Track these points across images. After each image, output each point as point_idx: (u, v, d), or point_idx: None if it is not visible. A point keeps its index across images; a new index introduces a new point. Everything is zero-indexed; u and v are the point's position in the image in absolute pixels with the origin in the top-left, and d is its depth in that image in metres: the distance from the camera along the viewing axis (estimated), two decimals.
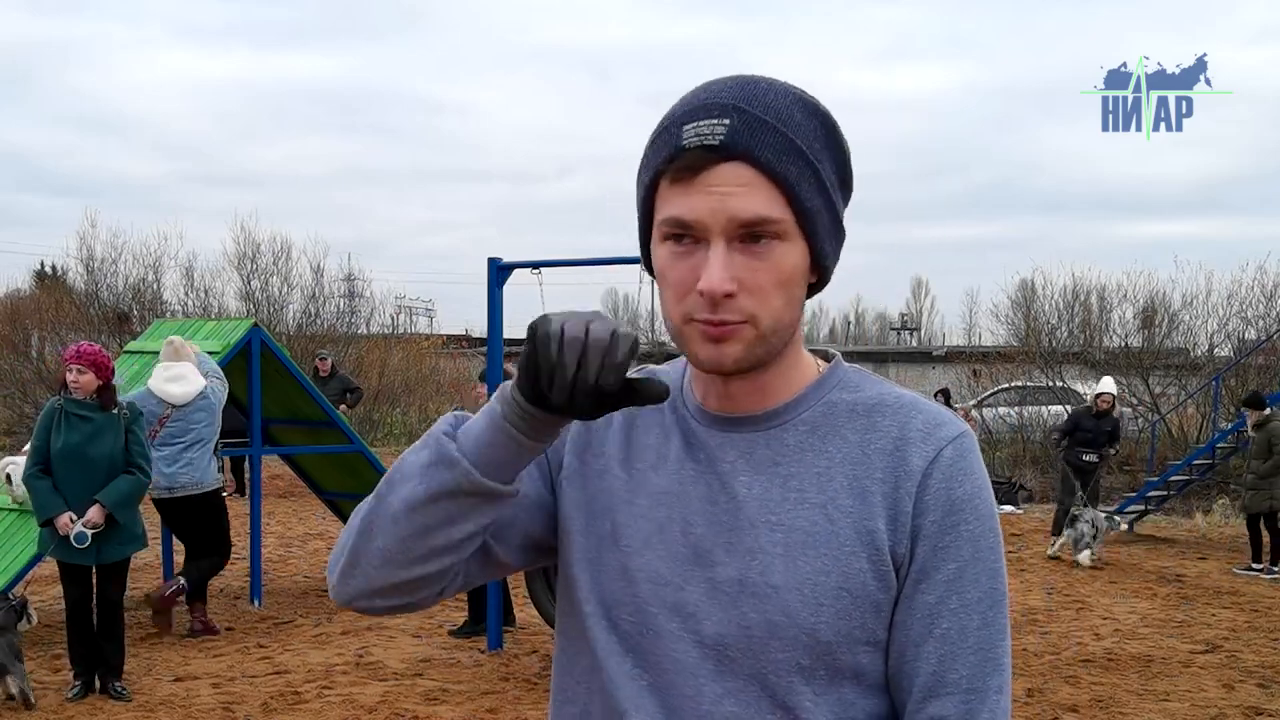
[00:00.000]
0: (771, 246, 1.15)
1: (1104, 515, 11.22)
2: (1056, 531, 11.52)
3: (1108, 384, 12.47)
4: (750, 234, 1.14)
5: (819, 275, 1.23)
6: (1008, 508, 14.47)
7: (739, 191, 1.13)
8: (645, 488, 1.26)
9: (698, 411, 1.28)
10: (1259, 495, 10.78)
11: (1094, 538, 10.95)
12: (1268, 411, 11.24)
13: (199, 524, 7.55)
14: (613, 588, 1.24)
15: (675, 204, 1.16)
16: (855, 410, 1.23)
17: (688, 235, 1.16)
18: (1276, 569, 10.67)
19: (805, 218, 1.16)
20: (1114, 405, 11.95)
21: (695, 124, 1.15)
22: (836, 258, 1.24)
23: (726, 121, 1.14)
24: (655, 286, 1.23)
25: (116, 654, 6.32)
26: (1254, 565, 10.75)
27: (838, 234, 1.22)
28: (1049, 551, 11.33)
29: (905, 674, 1.19)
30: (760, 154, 1.13)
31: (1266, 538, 10.75)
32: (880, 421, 1.22)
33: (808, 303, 1.25)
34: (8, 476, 7.14)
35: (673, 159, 1.16)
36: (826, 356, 1.30)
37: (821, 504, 1.19)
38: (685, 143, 1.15)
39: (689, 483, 1.24)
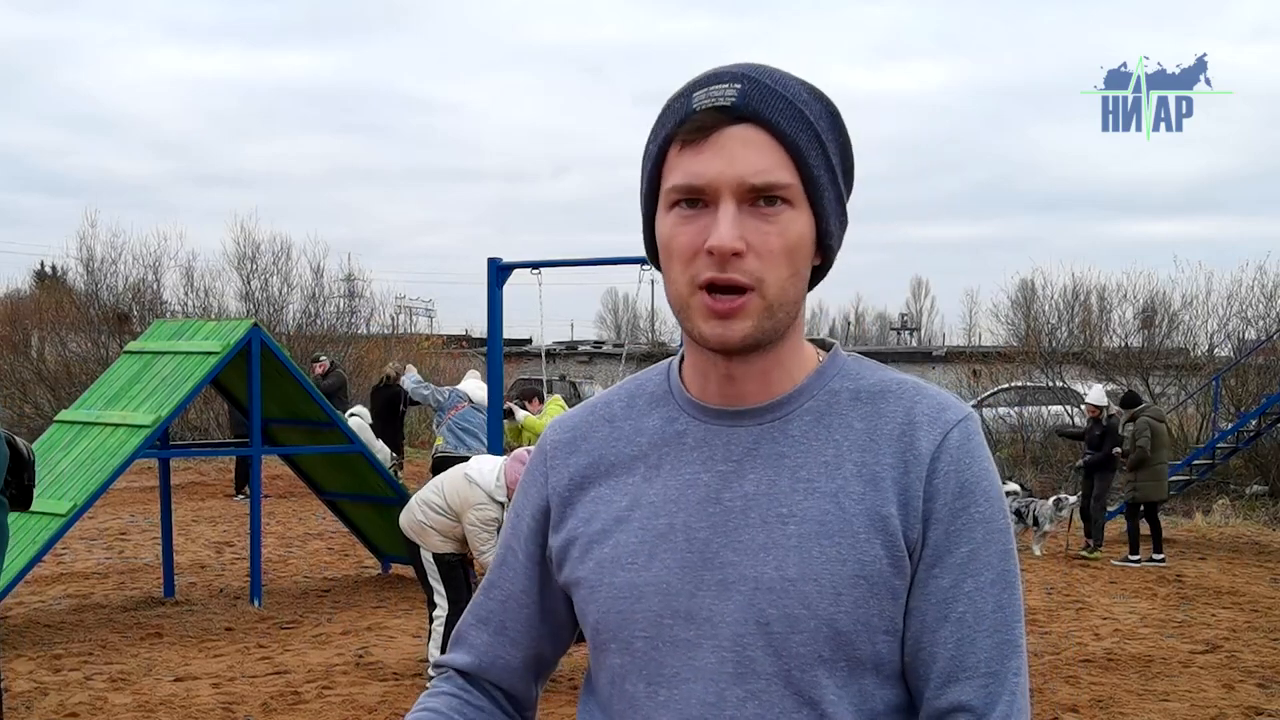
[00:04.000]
0: (780, 211, 1.15)
1: (1051, 503, 11.46)
2: (1086, 533, 11.61)
3: (1095, 394, 12.53)
4: (759, 197, 1.14)
5: (823, 258, 1.22)
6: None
7: (749, 153, 1.14)
8: (641, 501, 1.23)
9: (694, 407, 1.25)
10: (1128, 489, 11.33)
11: (1035, 524, 11.32)
12: (1140, 407, 11.62)
13: None
14: (622, 608, 1.21)
15: (684, 167, 1.16)
16: (859, 397, 1.22)
17: (697, 199, 1.15)
18: (1156, 559, 10.98)
19: (812, 186, 1.16)
20: (1102, 413, 11.98)
21: (707, 89, 1.16)
22: (840, 241, 1.23)
23: (738, 86, 1.15)
24: (655, 286, 1.22)
25: None
26: (1130, 556, 11.00)
27: (841, 215, 1.22)
28: (1080, 551, 11.40)
29: (922, 660, 1.18)
30: (771, 116, 1.14)
31: (1146, 529, 11.12)
32: (885, 407, 1.21)
33: (808, 301, 1.24)
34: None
35: (683, 121, 1.16)
36: (825, 346, 1.29)
37: (832, 493, 1.17)
38: (696, 105, 1.16)
39: (686, 487, 1.22)
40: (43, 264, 35.30)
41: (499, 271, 7.15)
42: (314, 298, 23.34)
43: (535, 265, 7.13)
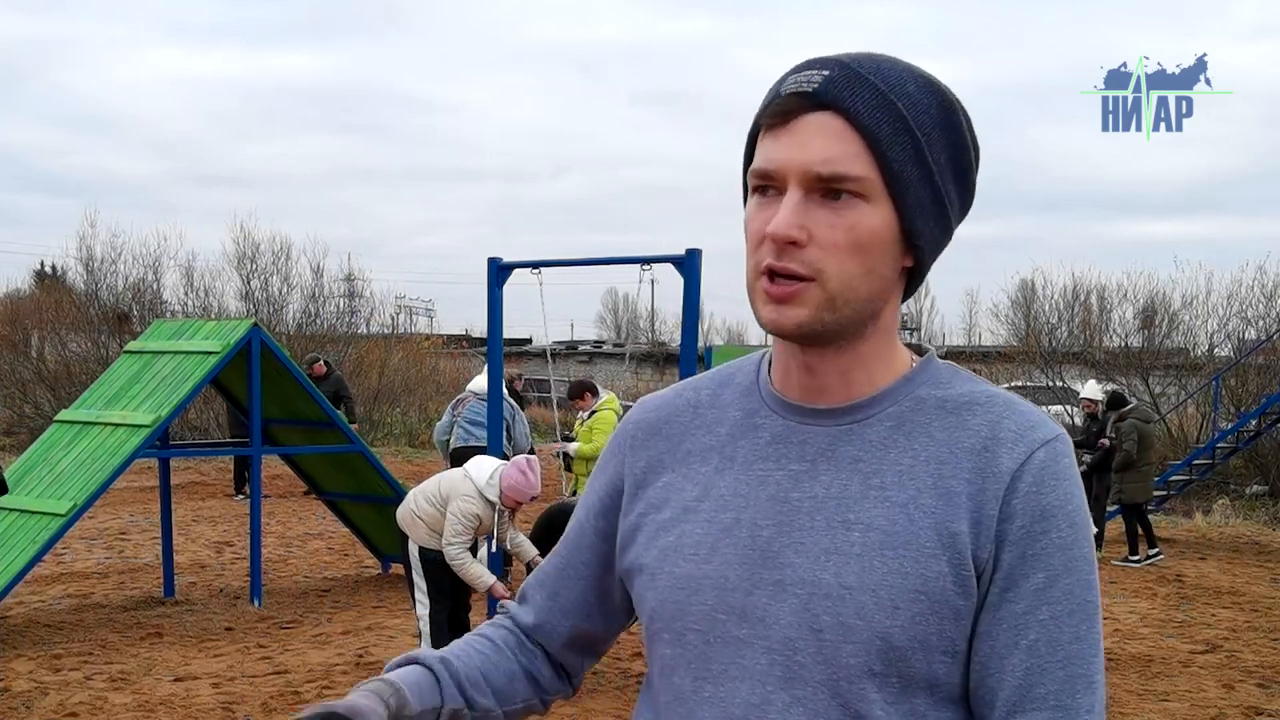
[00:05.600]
0: (851, 204, 1.11)
1: None
2: None
3: (1090, 389, 12.53)
4: (829, 189, 1.11)
5: (915, 259, 1.17)
6: None
7: (822, 141, 1.11)
8: (711, 493, 1.22)
9: (775, 402, 1.22)
10: (1114, 491, 11.34)
11: None
12: (1127, 408, 11.61)
13: None
14: (679, 598, 1.19)
15: (763, 152, 1.14)
16: (944, 407, 1.18)
17: (771, 186, 1.13)
18: (1153, 554, 11.03)
19: (894, 182, 1.12)
20: (1097, 407, 11.98)
21: (797, 74, 1.14)
22: (935, 243, 1.18)
23: (826, 72, 1.13)
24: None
25: None
26: (1130, 557, 11.04)
27: (939, 216, 1.16)
28: None
29: (989, 687, 1.13)
30: (851, 105, 1.11)
31: (1141, 530, 11.20)
32: (970, 420, 1.16)
33: None
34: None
35: (768, 106, 1.15)
36: (921, 351, 1.25)
37: (903, 503, 1.13)
38: (783, 90, 1.14)
39: (756, 484, 1.19)
40: (43, 264, 35.36)
41: (499, 271, 7.14)
42: (314, 298, 23.35)
43: (535, 265, 7.11)
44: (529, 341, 40.06)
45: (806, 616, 1.12)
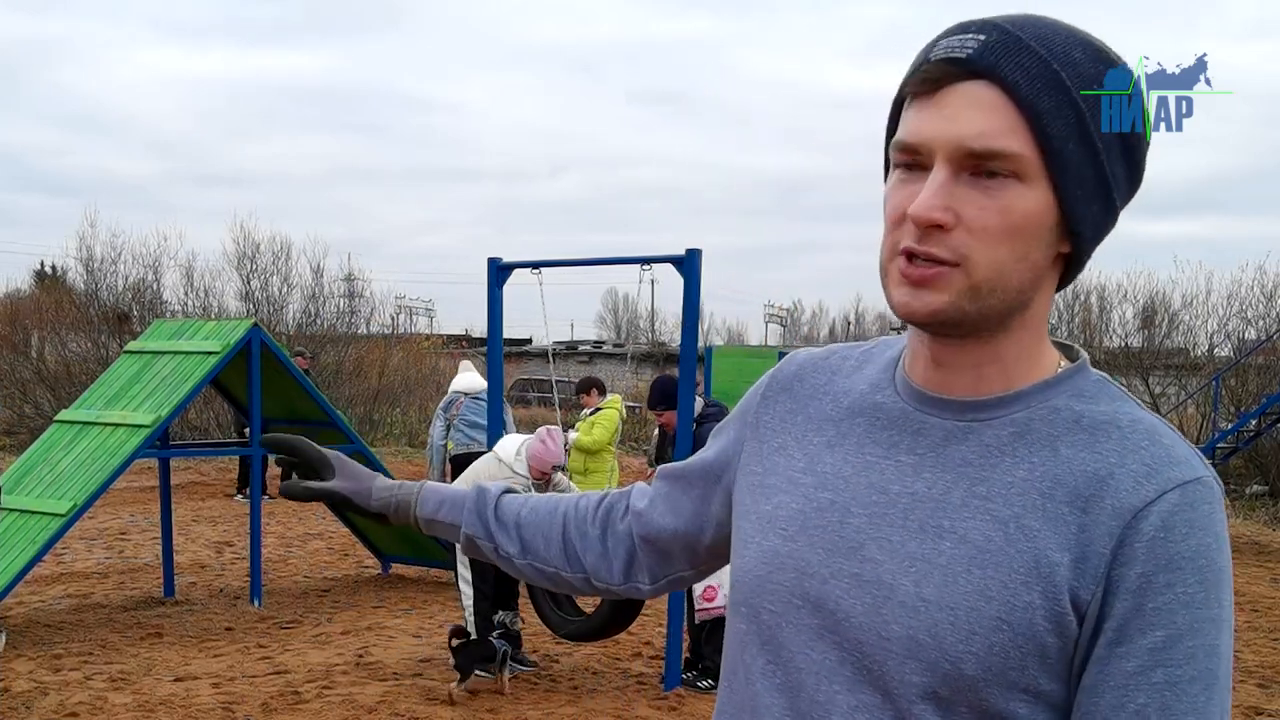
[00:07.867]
0: (1005, 185, 1.01)
1: None
2: None
3: None
4: (981, 166, 1.01)
5: (1073, 246, 1.06)
6: None
7: (974, 113, 1.00)
8: (815, 466, 1.15)
9: (902, 383, 1.13)
10: None
11: None
12: None
13: None
14: (761, 573, 1.13)
15: (907, 123, 1.05)
16: (1079, 423, 1.05)
17: (915, 162, 1.04)
18: None
19: (1054, 161, 1.01)
20: None
21: (949, 38, 1.04)
22: (1098, 228, 1.06)
23: (981, 37, 1.02)
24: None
25: None
26: None
27: (1103, 198, 1.05)
28: None
29: None
30: (1009, 74, 1.00)
31: None
32: (1103, 443, 1.04)
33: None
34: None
35: (916, 72, 1.05)
36: (1073, 355, 1.13)
37: (1004, 520, 1.03)
38: (933, 56, 1.03)
39: (862, 468, 1.11)
40: (43, 264, 35.35)
41: (499, 271, 7.14)
42: (314, 298, 23.32)
43: (535, 265, 7.11)
44: (529, 341, 40.05)
45: (877, 621, 1.05)
